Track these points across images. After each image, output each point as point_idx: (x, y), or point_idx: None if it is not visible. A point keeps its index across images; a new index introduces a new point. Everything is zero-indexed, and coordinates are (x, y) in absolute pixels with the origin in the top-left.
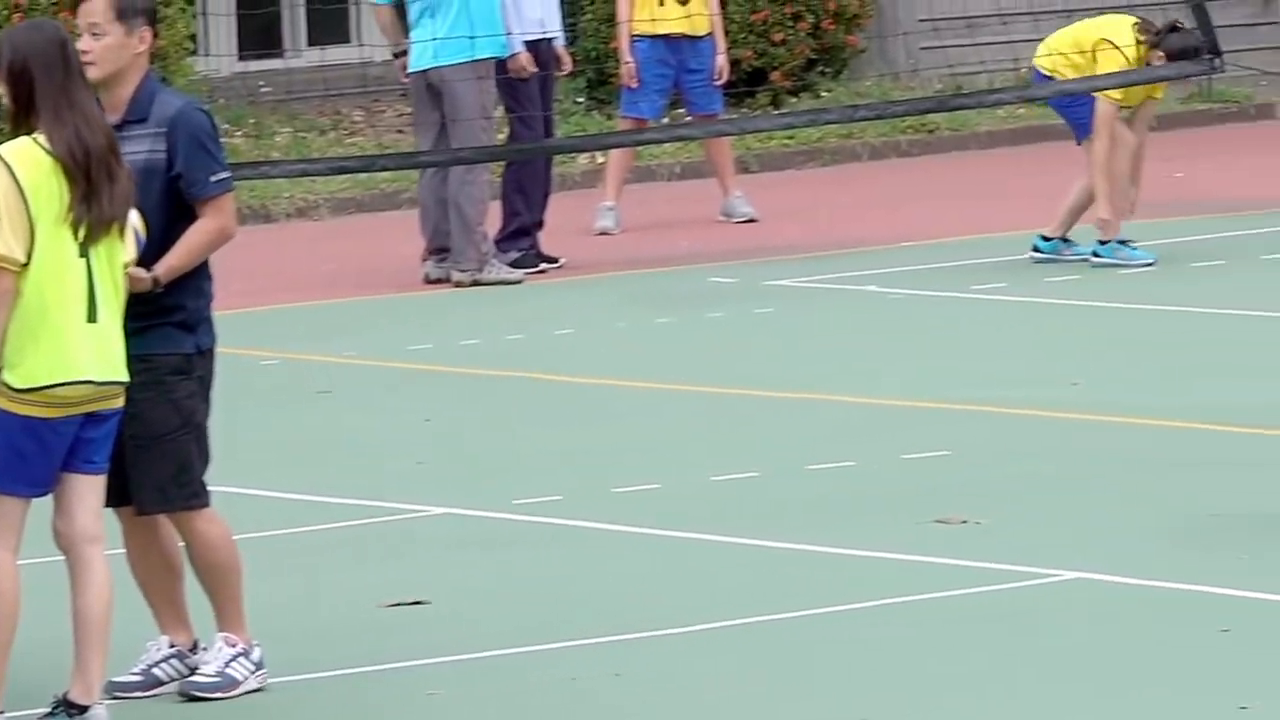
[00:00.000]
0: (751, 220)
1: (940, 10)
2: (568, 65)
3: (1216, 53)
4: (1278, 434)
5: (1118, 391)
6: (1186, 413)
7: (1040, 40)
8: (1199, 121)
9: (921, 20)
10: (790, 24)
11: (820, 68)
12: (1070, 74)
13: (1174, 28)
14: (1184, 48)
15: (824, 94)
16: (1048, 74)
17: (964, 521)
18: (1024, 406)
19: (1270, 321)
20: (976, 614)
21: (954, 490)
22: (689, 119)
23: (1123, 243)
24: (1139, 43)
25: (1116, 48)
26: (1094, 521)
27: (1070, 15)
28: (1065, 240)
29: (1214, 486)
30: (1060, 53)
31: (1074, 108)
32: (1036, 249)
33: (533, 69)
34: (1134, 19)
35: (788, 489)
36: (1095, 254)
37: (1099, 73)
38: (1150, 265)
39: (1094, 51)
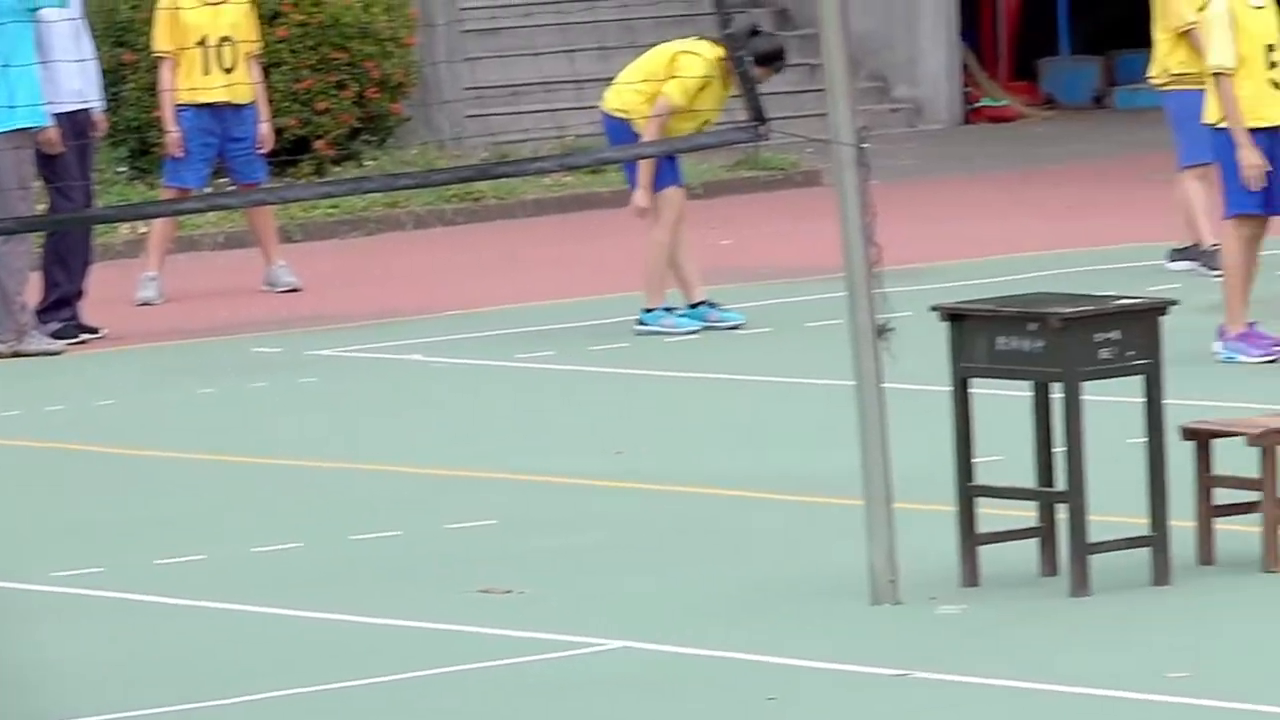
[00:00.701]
0: (295, 290)
1: (484, 79)
2: (102, 129)
3: (762, 120)
4: (819, 501)
5: (661, 460)
6: (728, 481)
7: (584, 109)
8: (745, 188)
9: (466, 89)
10: (334, 92)
11: (365, 136)
12: (644, 106)
13: (754, 31)
14: (770, 51)
15: (368, 162)
16: (620, 116)
17: (508, 591)
18: (568, 475)
19: (814, 389)
20: (521, 684)
21: (498, 559)
22: (232, 188)
23: (668, 310)
24: (720, 59)
25: (697, 54)
26: (637, 590)
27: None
28: (710, 305)
29: (757, 554)
30: (635, 89)
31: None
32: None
33: (62, 148)
34: (704, 37)
35: (331, 559)
36: (641, 322)
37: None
38: (694, 333)
39: (670, 68)
